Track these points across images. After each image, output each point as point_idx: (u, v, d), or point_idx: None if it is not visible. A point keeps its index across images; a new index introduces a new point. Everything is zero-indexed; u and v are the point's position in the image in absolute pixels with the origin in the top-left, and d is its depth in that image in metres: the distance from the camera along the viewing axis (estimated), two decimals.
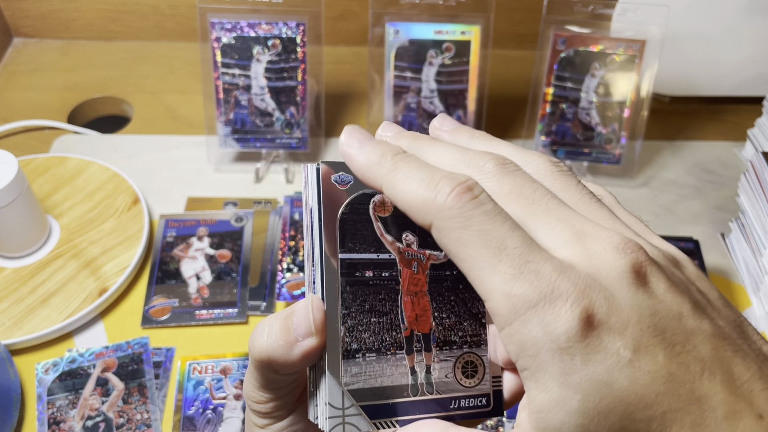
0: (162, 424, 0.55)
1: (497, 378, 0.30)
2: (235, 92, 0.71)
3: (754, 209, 0.66)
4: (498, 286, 0.21)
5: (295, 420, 0.31)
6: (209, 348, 0.60)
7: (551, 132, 0.74)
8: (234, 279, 0.64)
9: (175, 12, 0.89)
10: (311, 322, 0.26)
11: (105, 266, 0.63)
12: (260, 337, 0.27)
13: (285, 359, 0.26)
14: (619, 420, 0.20)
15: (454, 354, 0.30)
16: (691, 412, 0.20)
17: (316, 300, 0.27)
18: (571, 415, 0.20)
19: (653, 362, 0.20)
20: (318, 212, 0.28)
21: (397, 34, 0.70)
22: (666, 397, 0.20)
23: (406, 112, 0.73)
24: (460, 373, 0.29)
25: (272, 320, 0.27)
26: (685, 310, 0.21)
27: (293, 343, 0.26)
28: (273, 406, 0.30)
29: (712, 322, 0.22)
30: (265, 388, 0.29)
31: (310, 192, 0.28)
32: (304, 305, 0.27)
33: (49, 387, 0.56)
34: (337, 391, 0.27)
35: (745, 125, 0.82)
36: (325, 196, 0.28)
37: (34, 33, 0.91)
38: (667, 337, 0.21)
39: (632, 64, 0.71)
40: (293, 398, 0.30)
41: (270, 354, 0.27)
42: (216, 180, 0.74)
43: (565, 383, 0.20)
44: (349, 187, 0.28)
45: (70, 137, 0.79)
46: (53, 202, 0.68)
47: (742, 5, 0.77)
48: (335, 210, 0.28)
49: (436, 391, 0.29)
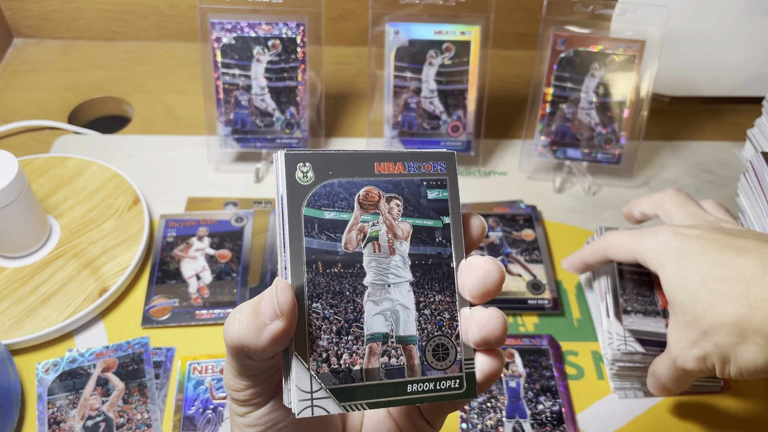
0: (162, 424, 0.55)
1: (469, 360, 0.30)
2: (236, 92, 0.72)
3: (754, 209, 0.66)
4: None
5: (274, 407, 0.31)
6: (209, 348, 0.60)
7: (551, 132, 0.74)
8: (234, 279, 0.64)
9: (176, 12, 0.89)
10: (275, 305, 0.26)
11: (105, 266, 0.63)
12: (232, 324, 0.28)
13: (255, 344, 0.27)
14: None
15: (426, 338, 0.30)
16: None
17: (282, 282, 0.27)
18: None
19: None
20: (286, 200, 0.28)
21: (397, 34, 0.71)
22: None
23: (406, 112, 0.73)
24: (431, 355, 0.30)
25: (243, 307, 0.28)
26: None
27: (262, 327, 0.27)
28: (251, 393, 0.30)
29: None
30: (242, 376, 0.30)
31: (279, 180, 0.29)
32: (270, 290, 0.27)
33: (49, 387, 0.56)
34: (305, 375, 0.28)
35: (744, 125, 0.82)
36: (290, 185, 0.28)
37: (34, 33, 0.91)
38: None
39: (632, 65, 0.71)
40: (271, 385, 0.31)
41: (241, 339, 0.27)
42: (216, 180, 0.74)
43: None
44: (313, 175, 0.29)
45: (71, 137, 0.79)
46: (53, 202, 0.68)
47: (742, 5, 0.77)
48: (301, 198, 0.28)
49: (407, 374, 0.29)
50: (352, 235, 0.29)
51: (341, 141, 0.80)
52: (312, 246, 0.28)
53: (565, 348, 0.61)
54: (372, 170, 0.30)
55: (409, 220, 0.30)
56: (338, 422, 0.34)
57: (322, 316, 0.28)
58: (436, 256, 0.30)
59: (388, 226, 0.30)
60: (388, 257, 0.30)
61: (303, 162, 0.29)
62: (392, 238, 0.30)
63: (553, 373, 0.59)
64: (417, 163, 0.30)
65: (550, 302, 0.64)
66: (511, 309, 0.64)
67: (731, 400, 0.58)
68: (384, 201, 0.30)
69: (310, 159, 0.29)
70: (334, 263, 0.29)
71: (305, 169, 0.29)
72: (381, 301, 0.29)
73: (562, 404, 0.57)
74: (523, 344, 0.61)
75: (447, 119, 0.73)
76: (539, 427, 0.55)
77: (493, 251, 0.68)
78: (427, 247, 0.30)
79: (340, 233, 0.29)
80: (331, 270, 0.29)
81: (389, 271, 0.30)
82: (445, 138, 0.74)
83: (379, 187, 0.30)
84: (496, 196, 0.75)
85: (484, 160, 0.79)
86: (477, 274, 0.30)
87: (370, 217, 0.30)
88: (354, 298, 0.29)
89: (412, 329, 0.30)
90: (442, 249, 0.30)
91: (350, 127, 0.82)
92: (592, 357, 0.61)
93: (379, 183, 0.30)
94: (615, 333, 0.56)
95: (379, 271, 0.29)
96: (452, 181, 0.31)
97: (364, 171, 0.30)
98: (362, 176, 0.29)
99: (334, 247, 0.29)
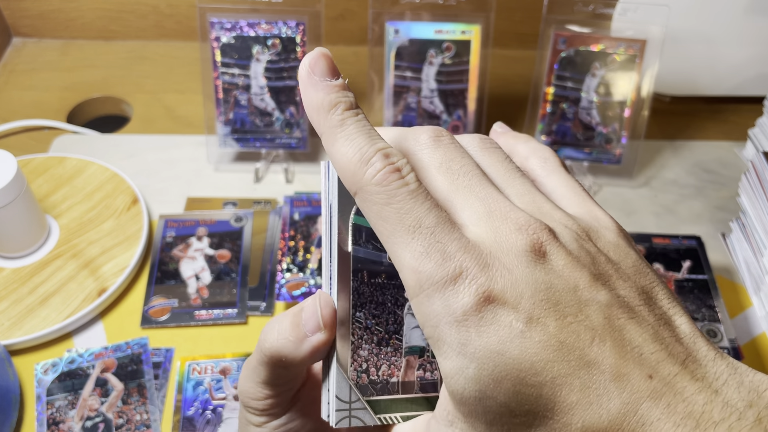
0: (161, 425, 0.55)
1: None
2: (235, 92, 0.71)
3: (755, 209, 0.66)
4: (408, 261, 0.23)
5: (291, 417, 0.31)
6: (209, 348, 0.60)
7: (552, 132, 0.74)
8: (233, 279, 0.64)
9: (175, 11, 0.89)
10: (319, 318, 0.27)
11: (104, 266, 0.63)
12: (270, 333, 0.28)
13: (294, 354, 0.27)
14: (513, 385, 0.21)
15: None
16: (581, 377, 0.21)
17: (324, 296, 0.27)
18: (469, 381, 0.22)
19: (544, 332, 0.21)
20: (337, 206, 0.28)
21: (397, 33, 0.70)
22: (556, 364, 0.21)
23: (406, 111, 0.73)
24: None
25: (282, 317, 0.28)
26: (582, 282, 0.23)
27: (302, 338, 0.27)
28: (271, 403, 0.30)
29: (611, 291, 0.23)
30: (267, 384, 0.30)
31: (330, 188, 0.28)
32: (312, 301, 0.27)
33: (48, 387, 0.56)
34: (345, 385, 0.27)
35: (746, 125, 0.82)
36: (341, 192, 0.28)
37: (33, 32, 0.91)
38: (560, 309, 0.22)
39: (633, 64, 0.71)
40: (291, 395, 0.31)
41: (280, 349, 0.28)
42: (215, 180, 0.74)
43: (462, 353, 0.22)
44: None
45: (70, 137, 0.79)
46: (52, 202, 0.68)
47: (743, 5, 0.76)
48: (351, 205, 0.28)
49: (439, 388, 0.29)
50: None
51: None
52: (359, 255, 0.28)
53: None
54: None
55: None
56: None
57: (364, 325, 0.28)
58: None
59: None
60: None
61: None
62: None
63: None
64: None
65: None
66: None
67: None
68: None
69: None
70: (379, 273, 0.29)
71: None
72: None
73: None
74: None
75: (447, 119, 0.73)
76: None
77: None
78: None
79: None
80: (375, 280, 0.29)
81: None
82: None
83: None
84: None
85: None
86: None
87: None
88: (395, 309, 0.29)
89: None
90: None
91: None
92: None
93: None
94: None
95: None
96: None
97: None
98: None
99: (379, 257, 0.29)
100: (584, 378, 0.21)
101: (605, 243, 0.25)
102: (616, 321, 0.22)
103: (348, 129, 0.25)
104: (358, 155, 0.24)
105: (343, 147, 0.24)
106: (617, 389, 0.21)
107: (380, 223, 0.24)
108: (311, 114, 0.26)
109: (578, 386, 0.21)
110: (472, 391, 0.22)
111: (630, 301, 0.23)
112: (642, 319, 0.23)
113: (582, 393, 0.21)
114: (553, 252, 0.23)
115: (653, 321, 0.23)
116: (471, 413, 0.23)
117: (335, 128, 0.25)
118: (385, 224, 0.24)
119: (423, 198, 0.24)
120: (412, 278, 0.23)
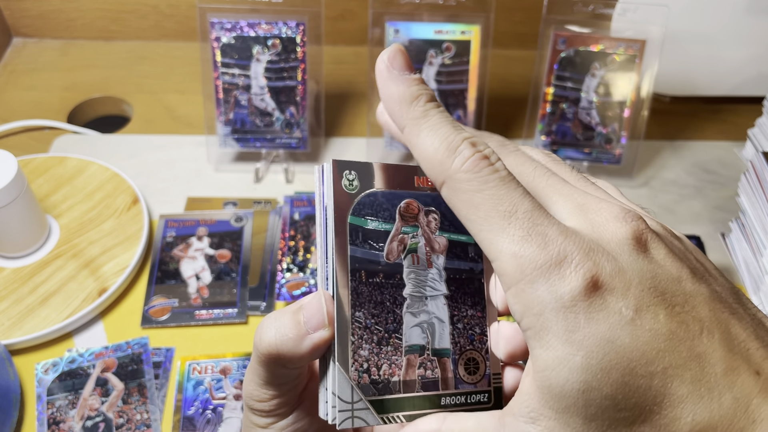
0: (162, 425, 0.55)
1: (497, 375, 0.30)
2: (235, 92, 0.71)
3: (755, 209, 0.66)
4: (506, 247, 0.22)
5: (298, 417, 0.31)
6: (209, 348, 0.60)
7: (551, 132, 0.74)
8: (234, 279, 0.64)
9: (175, 12, 0.89)
10: (324, 314, 0.27)
11: (105, 266, 0.63)
12: (268, 331, 0.28)
13: (294, 352, 0.27)
14: (622, 376, 0.21)
15: (458, 351, 0.30)
16: (692, 368, 0.21)
17: (327, 294, 0.27)
18: (574, 371, 0.21)
19: (654, 321, 0.21)
20: (333, 207, 0.28)
21: (397, 33, 0.70)
22: (667, 354, 0.21)
23: None
24: (463, 369, 0.30)
25: (279, 315, 0.28)
26: (684, 274, 0.22)
27: (303, 335, 0.27)
28: (276, 404, 0.30)
29: (710, 286, 0.23)
30: (269, 385, 0.29)
31: (325, 190, 0.29)
32: (315, 298, 0.27)
33: (48, 387, 0.56)
34: (346, 385, 0.27)
35: (745, 125, 0.82)
36: (337, 193, 0.28)
37: (33, 33, 0.91)
38: (667, 299, 0.22)
39: (632, 64, 0.71)
40: (296, 394, 0.31)
41: (279, 347, 0.27)
42: (216, 180, 0.74)
43: (569, 341, 0.21)
44: (359, 184, 0.29)
45: (70, 137, 0.79)
46: (53, 202, 0.68)
47: (742, 5, 0.77)
48: (348, 205, 0.28)
49: (441, 387, 0.29)
50: (393, 246, 0.29)
51: (341, 141, 0.80)
52: (356, 255, 0.28)
53: None
54: (412, 183, 0.30)
55: (445, 234, 0.30)
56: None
57: (364, 325, 0.28)
58: (468, 271, 0.31)
59: (426, 239, 0.30)
60: (426, 270, 0.30)
61: (350, 170, 0.29)
62: (430, 251, 0.30)
63: None
64: None
65: None
66: None
67: None
68: (423, 214, 0.30)
69: (356, 167, 0.29)
70: (377, 273, 0.29)
71: (351, 177, 0.29)
72: (419, 313, 0.30)
73: None
74: None
75: None
76: None
77: None
78: (461, 261, 0.30)
79: (383, 243, 0.29)
80: (374, 279, 0.29)
81: (426, 283, 0.30)
82: None
83: (419, 201, 0.30)
84: None
85: None
86: None
87: (409, 229, 0.30)
88: (394, 308, 0.29)
89: (446, 342, 0.30)
90: (474, 264, 0.31)
91: (350, 127, 0.82)
92: None
93: (418, 196, 0.30)
94: None
95: (418, 283, 0.30)
96: None
97: (404, 183, 0.30)
98: (403, 188, 0.30)
99: (377, 257, 0.29)
100: (695, 370, 0.21)
101: (688, 245, 0.25)
102: (721, 314, 0.22)
103: (432, 120, 0.25)
104: (444, 144, 0.24)
105: (428, 138, 0.24)
106: (728, 384, 0.21)
107: (472, 210, 0.23)
108: (392, 107, 0.26)
109: (689, 378, 0.21)
110: (576, 383, 0.21)
111: (726, 298, 0.23)
112: (741, 317, 0.22)
113: (693, 386, 0.21)
114: (653, 242, 0.23)
115: (749, 320, 0.23)
116: (567, 408, 0.21)
117: (419, 119, 0.25)
118: (477, 212, 0.23)
119: (515, 184, 0.23)
120: (511, 264, 0.22)
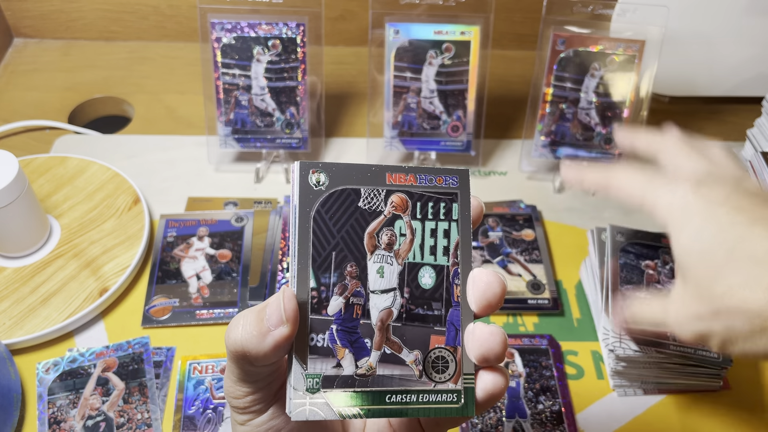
0: (162, 424, 0.55)
1: (469, 375, 0.30)
2: (236, 92, 0.72)
3: None
4: None
5: (274, 414, 0.31)
6: (210, 348, 0.60)
7: (551, 132, 0.74)
8: (234, 279, 0.64)
9: (176, 12, 0.89)
10: (282, 312, 0.27)
11: (105, 266, 0.63)
12: (235, 329, 0.28)
13: (258, 349, 0.27)
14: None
15: (426, 349, 0.30)
16: None
17: (288, 291, 0.28)
18: None
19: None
20: (298, 206, 0.29)
21: (397, 34, 0.71)
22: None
23: (406, 112, 0.73)
24: (431, 367, 0.30)
25: (247, 313, 0.28)
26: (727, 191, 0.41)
27: (266, 333, 0.27)
28: (251, 400, 0.31)
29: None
30: (243, 382, 0.30)
31: (294, 190, 0.29)
32: (276, 297, 0.28)
33: (49, 386, 0.56)
34: (302, 378, 0.28)
35: (744, 125, 0.82)
36: (302, 191, 0.29)
37: (34, 33, 0.91)
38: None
39: (632, 65, 0.71)
40: (271, 392, 0.31)
41: (244, 345, 0.28)
42: (216, 180, 0.74)
43: None
44: (327, 182, 0.29)
45: (71, 137, 0.79)
46: (54, 202, 0.68)
47: (742, 5, 0.77)
48: (312, 203, 0.29)
49: (406, 384, 0.29)
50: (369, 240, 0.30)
51: (341, 141, 0.80)
52: (317, 253, 0.29)
53: (564, 348, 0.61)
54: (383, 180, 0.30)
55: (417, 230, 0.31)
56: (339, 429, 0.34)
57: (323, 320, 0.29)
58: (438, 268, 0.31)
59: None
60: (394, 266, 0.30)
61: (315, 170, 0.29)
62: (401, 247, 0.30)
63: (553, 372, 0.59)
64: (429, 176, 0.31)
65: (549, 302, 0.64)
66: (511, 309, 0.64)
67: (731, 399, 0.58)
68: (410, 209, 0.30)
69: (322, 167, 0.29)
70: (339, 271, 0.29)
71: (317, 176, 0.29)
72: (381, 309, 0.30)
73: (562, 404, 0.57)
74: (523, 344, 0.61)
75: (447, 119, 0.73)
76: (539, 427, 0.55)
77: (493, 251, 0.68)
78: (431, 257, 0.31)
79: None
80: (338, 277, 0.29)
81: (393, 279, 0.30)
82: (444, 138, 0.74)
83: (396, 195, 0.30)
84: (496, 196, 0.75)
85: (484, 160, 0.79)
86: (479, 286, 0.30)
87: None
88: (357, 304, 0.29)
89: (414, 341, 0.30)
90: (445, 261, 0.31)
91: (350, 127, 0.82)
92: (592, 357, 0.61)
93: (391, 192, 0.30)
94: (611, 330, 0.56)
95: (384, 280, 0.30)
96: (463, 196, 0.31)
97: (375, 180, 0.30)
98: (373, 185, 0.30)
99: (342, 256, 0.29)
100: None
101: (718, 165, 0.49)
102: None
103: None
104: None
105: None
106: None
107: None
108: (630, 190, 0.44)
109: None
110: None
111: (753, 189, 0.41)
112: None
113: None
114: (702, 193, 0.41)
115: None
116: None
117: None
118: None
119: None
120: None
